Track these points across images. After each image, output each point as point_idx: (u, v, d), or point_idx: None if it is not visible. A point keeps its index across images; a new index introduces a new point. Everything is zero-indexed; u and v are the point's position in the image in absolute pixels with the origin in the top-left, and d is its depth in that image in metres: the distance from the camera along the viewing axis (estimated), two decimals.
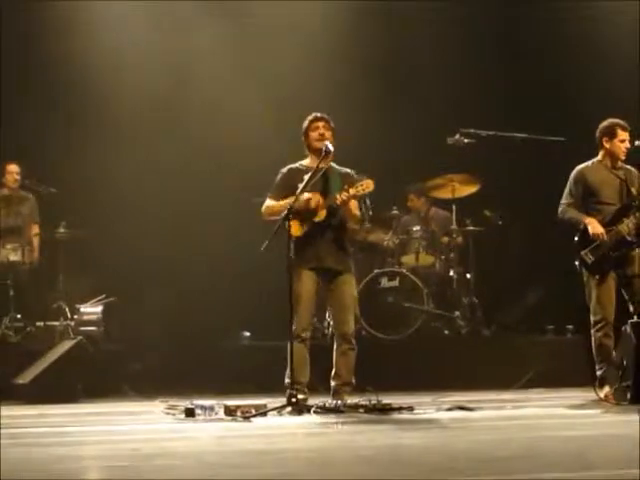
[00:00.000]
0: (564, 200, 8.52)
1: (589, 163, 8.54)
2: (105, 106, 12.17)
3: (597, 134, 8.49)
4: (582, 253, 8.36)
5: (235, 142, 11.94)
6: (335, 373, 8.03)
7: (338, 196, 7.90)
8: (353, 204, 8.03)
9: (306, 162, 8.19)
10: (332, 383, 8.03)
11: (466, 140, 10.48)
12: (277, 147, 9.59)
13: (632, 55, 11.97)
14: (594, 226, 8.29)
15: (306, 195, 7.89)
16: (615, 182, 8.42)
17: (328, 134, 8.09)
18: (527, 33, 12.45)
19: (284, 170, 8.23)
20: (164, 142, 12.23)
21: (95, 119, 12.14)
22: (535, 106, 11.76)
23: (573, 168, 8.79)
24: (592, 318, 8.39)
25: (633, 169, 8.45)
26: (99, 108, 12.15)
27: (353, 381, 8.05)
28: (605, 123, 8.46)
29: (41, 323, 10.72)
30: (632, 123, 8.50)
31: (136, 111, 12.30)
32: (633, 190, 8.33)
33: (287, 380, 7.80)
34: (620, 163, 8.48)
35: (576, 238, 8.43)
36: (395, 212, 11.36)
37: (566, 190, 8.54)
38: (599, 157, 8.50)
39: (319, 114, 8.16)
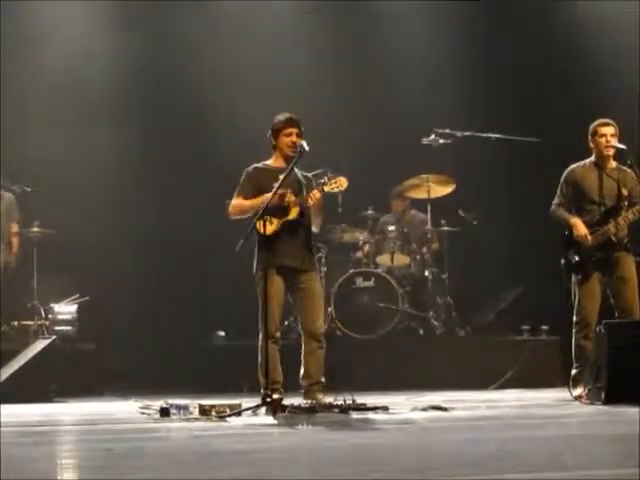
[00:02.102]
0: (555, 200, 8.55)
1: (581, 163, 8.55)
2: (77, 106, 12.16)
3: None
4: (567, 253, 8.40)
5: (214, 141, 11.94)
6: (305, 373, 8.01)
7: (312, 193, 7.90)
8: (316, 207, 8.04)
9: (270, 162, 8.17)
10: (302, 383, 8.01)
11: (441, 140, 10.52)
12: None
13: (613, 57, 12.00)
14: (578, 228, 8.32)
15: (280, 190, 7.83)
16: (606, 182, 8.42)
17: (299, 140, 8.05)
18: (505, 34, 12.44)
19: (250, 169, 8.20)
20: (137, 141, 12.22)
21: (68, 118, 12.12)
22: (512, 107, 11.77)
23: (547, 168, 8.83)
24: (574, 318, 8.43)
25: (629, 171, 8.42)
26: (71, 107, 12.14)
27: (323, 380, 8.03)
28: (591, 125, 8.49)
29: (15, 322, 10.70)
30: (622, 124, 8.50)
31: (110, 109, 12.31)
32: (624, 191, 8.35)
33: (262, 379, 7.81)
34: (614, 164, 8.47)
35: (565, 237, 8.46)
36: (370, 212, 11.38)
37: (557, 190, 8.56)
38: (592, 158, 8.52)
39: (294, 117, 8.07)
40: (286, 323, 10.15)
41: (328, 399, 7.80)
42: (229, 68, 12.39)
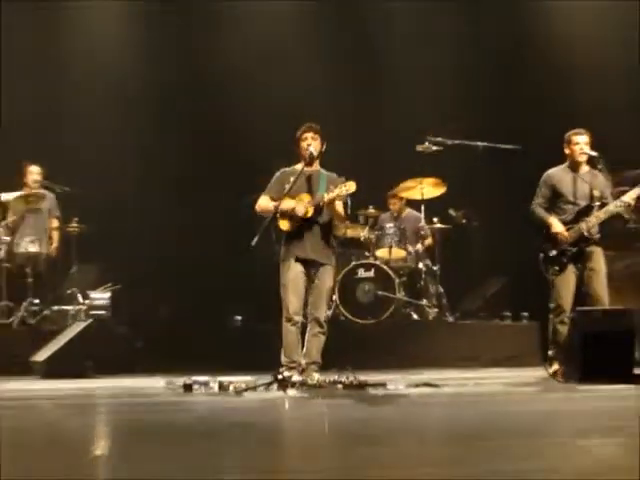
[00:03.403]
0: (534, 200, 8.53)
1: (558, 168, 8.53)
2: (110, 115, 12.19)
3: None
4: (545, 247, 8.40)
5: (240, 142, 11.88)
6: (306, 352, 7.97)
7: (325, 195, 7.93)
8: (338, 204, 8.04)
9: (298, 166, 8.18)
10: (303, 360, 7.94)
11: (434, 147, 10.51)
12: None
13: (590, 69, 11.99)
14: (555, 225, 8.33)
15: (292, 204, 7.92)
16: (580, 185, 8.40)
17: (315, 143, 8.07)
18: (493, 50, 12.44)
19: (278, 173, 8.21)
20: (166, 147, 12.26)
21: (99, 125, 12.15)
22: (498, 118, 11.77)
23: (528, 172, 8.83)
24: (551, 305, 8.42)
25: (600, 174, 8.40)
26: (101, 114, 12.17)
27: (320, 360, 7.98)
28: (566, 134, 8.50)
29: (56, 307, 10.71)
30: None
31: (138, 114, 12.34)
32: (596, 193, 8.35)
33: (282, 358, 7.86)
34: (587, 167, 8.45)
35: (543, 233, 8.46)
36: (371, 211, 11.39)
37: (537, 191, 8.56)
38: (567, 163, 8.51)
39: (309, 124, 8.13)
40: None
41: (333, 376, 7.78)
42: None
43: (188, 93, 12.62)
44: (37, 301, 10.55)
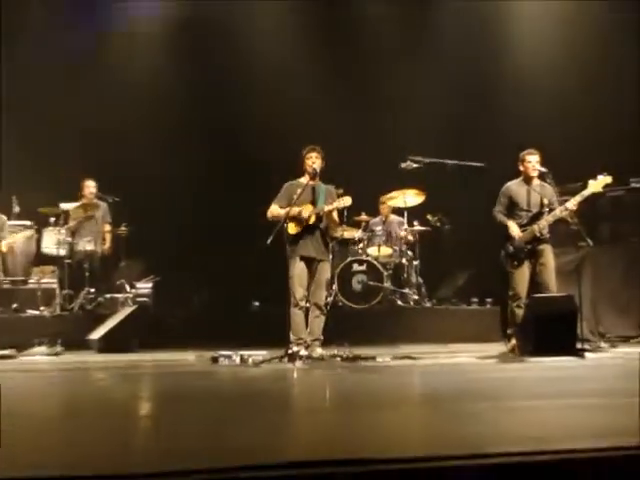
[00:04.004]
0: (496, 207, 8.51)
1: (514, 181, 8.51)
2: (147, 136, 12.20)
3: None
4: (504, 246, 8.40)
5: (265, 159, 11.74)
6: (310, 331, 8.01)
7: (326, 207, 8.00)
8: (334, 213, 8.12)
9: (303, 179, 8.25)
10: (307, 338, 7.98)
11: (414, 165, 10.51)
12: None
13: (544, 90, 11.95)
14: (513, 228, 8.32)
15: (297, 209, 8.00)
16: (532, 195, 8.39)
17: (318, 161, 8.14)
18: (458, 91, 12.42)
19: (286, 184, 8.26)
20: (194, 158, 12.23)
21: (143, 143, 12.11)
22: (466, 139, 11.72)
23: (490, 184, 8.85)
24: (509, 293, 8.43)
25: (548, 186, 8.39)
26: (144, 139, 12.17)
27: (321, 337, 8.03)
28: (521, 154, 8.52)
29: (108, 295, 10.75)
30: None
31: (174, 134, 12.33)
32: (545, 201, 8.35)
33: (291, 336, 7.92)
34: (538, 181, 8.43)
35: (503, 234, 8.47)
36: (363, 216, 11.42)
37: (497, 200, 8.56)
38: (522, 177, 8.51)
39: (313, 146, 8.18)
40: None
41: (332, 351, 7.82)
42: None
43: (216, 110, 12.53)
44: (93, 290, 10.57)
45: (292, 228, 8.06)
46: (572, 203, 8.18)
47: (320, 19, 12.76)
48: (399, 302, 10.90)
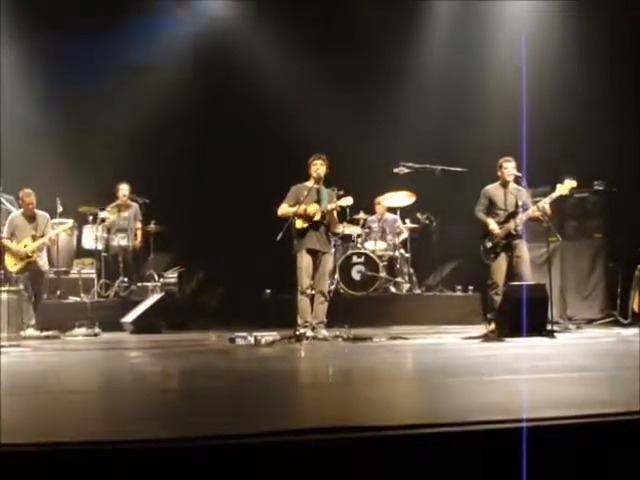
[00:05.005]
0: (477, 207, 8.47)
1: (493, 185, 8.47)
2: (174, 144, 12.00)
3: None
4: (484, 240, 8.40)
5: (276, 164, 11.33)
6: (315, 315, 8.01)
7: (329, 206, 8.03)
8: (335, 213, 8.15)
9: (308, 183, 8.25)
10: (313, 321, 7.99)
11: (406, 170, 10.51)
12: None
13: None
14: (491, 225, 8.31)
15: (304, 207, 8.02)
16: (508, 197, 8.35)
17: (322, 168, 8.14)
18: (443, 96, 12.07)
19: (294, 187, 8.26)
20: (218, 163, 12.12)
21: (171, 150, 11.90)
22: (450, 147, 11.53)
23: (471, 187, 8.84)
24: (488, 282, 8.42)
25: (523, 190, 8.37)
26: (171, 145, 11.99)
27: (325, 320, 8.03)
28: (499, 160, 8.49)
29: (139, 284, 10.77)
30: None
31: (199, 143, 12.18)
32: (520, 202, 8.32)
33: (298, 319, 7.92)
34: (513, 184, 8.37)
35: (483, 231, 8.46)
36: (361, 215, 11.38)
37: (478, 201, 8.52)
38: (499, 181, 8.47)
39: (318, 154, 8.19)
40: None
41: (335, 332, 7.84)
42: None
43: (234, 117, 12.31)
44: (126, 279, 10.60)
45: (299, 224, 8.08)
46: (543, 203, 8.18)
47: (321, 27, 12.42)
48: (393, 290, 10.90)
